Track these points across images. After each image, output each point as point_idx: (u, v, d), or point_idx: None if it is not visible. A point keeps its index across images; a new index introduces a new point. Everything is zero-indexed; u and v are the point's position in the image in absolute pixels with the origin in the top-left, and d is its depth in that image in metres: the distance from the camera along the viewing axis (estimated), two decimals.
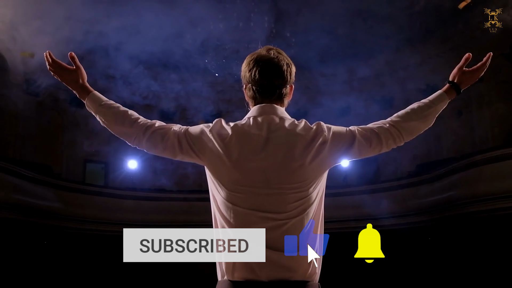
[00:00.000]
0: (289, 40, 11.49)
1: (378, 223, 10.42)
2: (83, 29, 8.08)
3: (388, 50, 11.82)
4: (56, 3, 6.65)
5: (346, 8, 10.20)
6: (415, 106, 1.79)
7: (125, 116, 1.75)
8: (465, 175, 9.90)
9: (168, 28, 9.80)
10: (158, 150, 1.73)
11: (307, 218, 1.62)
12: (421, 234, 10.84)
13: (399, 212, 10.83)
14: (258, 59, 1.73)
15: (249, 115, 1.72)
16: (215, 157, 1.63)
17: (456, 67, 1.85)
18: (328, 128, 1.68)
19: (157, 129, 1.71)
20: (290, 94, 1.81)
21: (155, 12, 9.25)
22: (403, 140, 1.75)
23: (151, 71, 11.46)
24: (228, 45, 11.32)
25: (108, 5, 8.36)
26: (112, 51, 9.55)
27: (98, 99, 1.79)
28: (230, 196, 1.62)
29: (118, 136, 1.77)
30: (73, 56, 1.79)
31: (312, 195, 1.64)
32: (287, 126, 1.65)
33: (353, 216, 11.13)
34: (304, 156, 1.61)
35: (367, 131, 1.71)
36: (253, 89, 1.74)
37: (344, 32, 10.83)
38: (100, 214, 11.11)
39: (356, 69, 12.31)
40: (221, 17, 10.62)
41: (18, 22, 6.63)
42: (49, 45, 6.70)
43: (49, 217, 10.28)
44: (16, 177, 9.74)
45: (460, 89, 1.81)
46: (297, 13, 10.68)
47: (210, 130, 1.66)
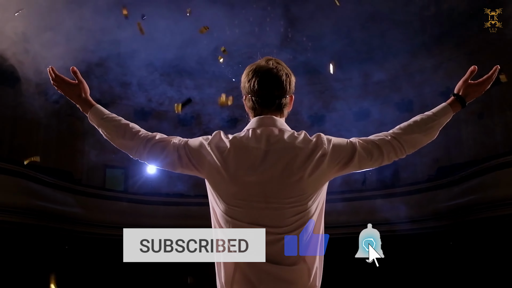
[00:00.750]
0: (305, 45, 11.49)
1: (396, 228, 10.31)
2: (96, 38, 8.19)
3: (404, 54, 11.73)
4: (68, 14, 6.78)
5: (359, 12, 10.18)
6: (418, 118, 1.75)
7: (126, 129, 1.76)
8: (485, 179, 9.71)
9: (183, 34, 9.89)
10: (158, 163, 1.74)
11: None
12: (439, 239, 10.67)
13: (417, 217, 10.68)
14: (257, 69, 1.72)
15: (249, 127, 1.71)
16: (214, 170, 1.63)
17: (461, 79, 1.80)
18: (328, 140, 1.67)
19: (157, 141, 1.72)
20: (290, 104, 1.79)
21: (169, 19, 9.36)
22: (405, 152, 1.71)
23: (167, 78, 11.58)
24: (243, 50, 11.37)
25: (120, 13, 8.52)
26: (127, 58, 9.68)
27: (100, 112, 1.81)
28: (229, 209, 1.61)
29: (120, 149, 1.79)
30: (75, 70, 1.81)
31: (311, 209, 1.62)
32: (286, 139, 1.64)
33: (371, 221, 11.02)
34: (303, 170, 1.59)
35: (368, 144, 1.68)
36: (253, 100, 1.72)
37: (358, 36, 10.79)
38: (120, 219, 11.26)
39: (372, 73, 12.22)
40: (236, 23, 10.67)
41: (30, 34, 6.78)
42: (62, 56, 6.88)
43: (70, 222, 10.47)
44: (37, 183, 9.96)
45: (465, 102, 1.76)
46: (311, 18, 10.68)
47: (209, 143, 1.66)
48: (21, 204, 9.29)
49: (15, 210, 9.17)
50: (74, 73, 1.81)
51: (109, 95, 11.56)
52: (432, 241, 10.70)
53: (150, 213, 11.46)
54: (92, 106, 1.82)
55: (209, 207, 1.71)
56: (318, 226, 1.66)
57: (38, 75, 7.92)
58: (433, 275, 10.38)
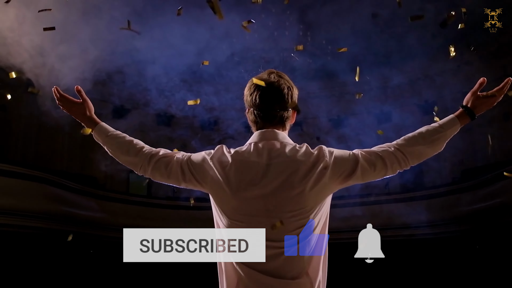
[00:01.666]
0: (324, 48, 11.47)
1: (418, 231, 10.16)
2: (113, 47, 8.32)
3: (422, 57, 11.58)
4: (83, 25, 6.90)
5: (378, 14, 10.11)
6: (423, 129, 1.70)
7: (131, 145, 1.78)
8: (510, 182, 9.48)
9: (202, 40, 9.98)
10: (163, 178, 1.74)
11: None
12: (462, 243, 10.46)
13: (439, 221, 10.49)
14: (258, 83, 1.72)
15: (251, 141, 1.70)
16: (216, 185, 1.63)
17: (470, 91, 1.74)
18: (330, 152, 1.65)
19: (161, 157, 1.73)
20: (292, 118, 1.77)
21: (186, 26, 9.47)
22: (409, 164, 1.67)
23: (186, 84, 11.72)
24: (263, 55, 11.41)
25: (137, 21, 8.66)
26: (145, 65, 9.82)
27: (105, 130, 1.83)
28: (231, 224, 1.61)
29: (125, 165, 1.80)
30: (80, 89, 1.84)
31: (314, 222, 1.60)
32: (287, 152, 1.63)
33: (392, 225, 10.88)
34: (304, 183, 1.58)
35: (372, 155, 1.65)
36: (255, 113, 1.72)
37: (376, 40, 10.70)
38: (143, 223, 11.43)
39: (391, 77, 12.09)
40: (256, 27, 10.72)
41: (46, 47, 6.93)
42: (80, 66, 7.04)
43: (94, 227, 10.69)
44: (62, 188, 10.21)
45: (474, 114, 1.70)
46: (328, 22, 10.66)
47: (211, 158, 1.66)
48: (46, 209, 9.52)
49: (40, 215, 9.41)
50: (78, 92, 1.84)
51: (129, 102, 11.78)
52: (455, 245, 10.49)
53: (172, 218, 11.59)
54: (97, 124, 1.84)
55: (213, 221, 1.71)
56: (322, 239, 1.64)
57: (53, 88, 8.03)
58: (455, 279, 10.17)
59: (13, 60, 6.76)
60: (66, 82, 6.70)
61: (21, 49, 6.48)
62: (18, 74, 6.01)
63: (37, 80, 6.89)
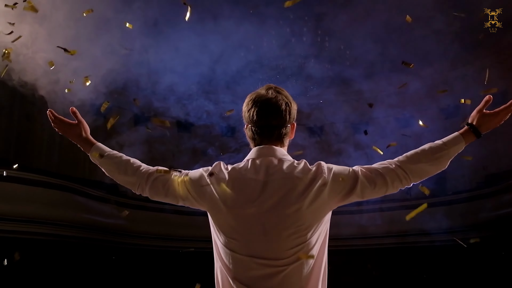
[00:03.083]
0: (341, 55, 11.45)
1: (440, 238, 10.03)
2: (128, 58, 8.43)
3: (441, 62, 11.49)
4: (96, 39, 7.00)
5: (395, 20, 10.07)
6: (426, 147, 1.65)
7: (127, 165, 1.76)
8: None
9: (218, 48, 10.06)
10: (160, 197, 1.73)
11: (307, 263, 1.55)
12: (484, 250, 10.29)
13: (459, 227, 10.34)
14: (256, 99, 1.70)
15: (248, 157, 1.68)
16: (213, 202, 1.60)
17: (476, 108, 1.69)
18: (329, 169, 1.61)
19: (158, 176, 1.71)
20: (291, 133, 1.74)
21: (202, 35, 9.58)
22: (410, 182, 1.63)
23: (204, 92, 11.84)
24: (280, 62, 11.44)
25: (152, 31, 8.77)
26: (163, 73, 9.94)
27: (101, 150, 1.80)
28: (228, 242, 1.58)
29: (123, 185, 1.79)
30: (75, 111, 1.83)
31: (312, 240, 1.56)
32: (285, 169, 1.59)
33: (410, 231, 10.79)
34: (301, 200, 1.53)
35: (372, 172, 1.61)
36: (252, 130, 1.70)
37: (393, 45, 10.65)
38: (165, 230, 11.55)
39: (408, 82, 11.99)
40: (273, 34, 10.76)
41: (58, 64, 7.10)
42: (96, 77, 7.16)
43: (116, 234, 10.84)
44: (84, 196, 10.41)
45: (479, 133, 1.65)
46: (345, 28, 10.67)
47: (209, 175, 1.64)
48: (68, 217, 9.69)
49: (63, 223, 9.59)
50: (73, 114, 1.83)
51: (147, 110, 11.95)
52: (477, 252, 10.33)
53: (194, 224, 11.67)
54: (93, 145, 1.82)
55: (211, 239, 1.68)
56: (321, 258, 1.60)
57: (64, 106, 8.09)
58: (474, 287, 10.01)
59: (28, 77, 6.92)
60: (80, 97, 6.83)
61: (35, 66, 6.61)
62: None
63: (51, 96, 7.01)
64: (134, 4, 7.80)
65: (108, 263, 10.51)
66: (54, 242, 9.38)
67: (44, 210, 9.30)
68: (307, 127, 13.30)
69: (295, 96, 1.79)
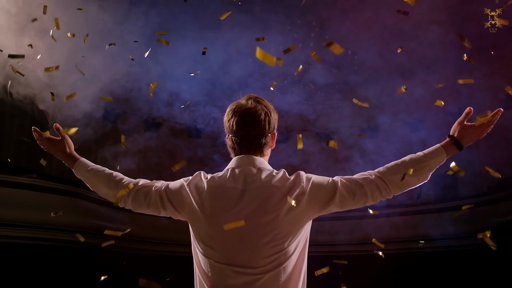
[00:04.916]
0: (347, 59, 11.48)
1: (443, 244, 9.98)
2: (129, 68, 8.51)
3: (447, 67, 11.47)
4: (96, 51, 7.06)
5: (400, 24, 10.10)
6: (407, 158, 1.66)
7: (110, 178, 1.80)
8: None
9: (225, 54, 10.14)
10: (143, 208, 1.78)
11: (284, 272, 1.55)
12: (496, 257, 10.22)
13: (466, 233, 10.27)
14: (235, 109, 1.73)
15: (228, 167, 1.71)
16: (192, 211, 1.64)
17: (457, 121, 1.74)
18: (308, 179, 1.63)
19: (140, 187, 1.75)
20: (272, 143, 1.75)
21: (209, 41, 9.67)
22: (391, 193, 1.63)
23: (211, 98, 11.92)
24: (286, 67, 11.49)
25: (152, 45, 8.89)
26: (170, 79, 10.03)
27: (84, 165, 1.86)
28: (206, 250, 1.61)
29: (106, 198, 1.82)
30: (58, 127, 1.88)
31: (289, 249, 1.57)
32: (263, 178, 1.61)
33: (419, 236, 10.71)
34: (278, 208, 1.55)
35: (351, 183, 1.62)
36: (232, 140, 1.73)
37: (397, 50, 10.67)
38: (174, 235, 11.57)
39: (413, 88, 12.00)
40: (281, 39, 10.81)
41: (58, 77, 7.09)
42: (97, 88, 7.25)
43: (125, 239, 10.88)
44: (92, 202, 10.48)
45: (461, 145, 1.65)
46: (349, 33, 10.71)
47: (188, 184, 1.68)
48: (77, 223, 9.76)
49: (72, 229, 9.65)
50: (57, 130, 1.87)
51: (153, 117, 12.04)
52: (489, 258, 10.27)
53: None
54: (77, 160, 1.87)
55: (191, 248, 1.70)
56: (300, 266, 1.60)
57: (63, 120, 8.04)
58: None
59: (29, 90, 7.02)
60: (83, 108, 6.91)
61: (36, 80, 6.72)
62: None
63: (53, 109, 7.10)
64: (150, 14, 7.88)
65: (119, 268, 10.56)
66: (63, 248, 9.49)
67: (55, 216, 9.38)
68: (314, 133, 13.32)
69: (301, 102, 1.81)
